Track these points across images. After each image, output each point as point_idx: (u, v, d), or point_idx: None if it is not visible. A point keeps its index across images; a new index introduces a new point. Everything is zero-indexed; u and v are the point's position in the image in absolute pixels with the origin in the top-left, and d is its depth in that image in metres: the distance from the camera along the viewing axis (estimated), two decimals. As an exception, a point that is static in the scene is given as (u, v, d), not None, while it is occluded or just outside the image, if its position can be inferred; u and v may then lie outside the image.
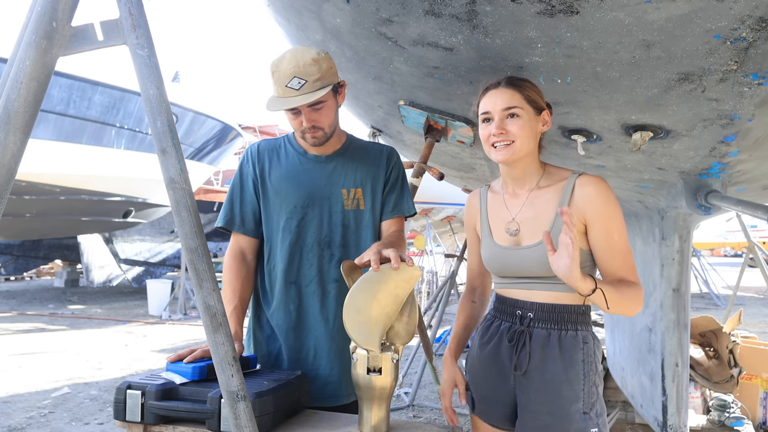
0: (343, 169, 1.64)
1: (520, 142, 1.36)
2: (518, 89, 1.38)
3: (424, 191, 3.25)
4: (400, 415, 4.27)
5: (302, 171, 1.62)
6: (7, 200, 1.04)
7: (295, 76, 1.47)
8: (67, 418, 4.12)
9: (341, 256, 1.60)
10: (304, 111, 1.52)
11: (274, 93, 1.51)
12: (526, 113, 1.37)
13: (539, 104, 1.40)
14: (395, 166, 1.71)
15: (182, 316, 9.42)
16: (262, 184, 1.63)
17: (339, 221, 1.60)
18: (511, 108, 1.36)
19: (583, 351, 1.36)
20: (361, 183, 1.64)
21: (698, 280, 12.85)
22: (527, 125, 1.37)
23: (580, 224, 1.36)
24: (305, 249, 1.60)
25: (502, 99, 1.37)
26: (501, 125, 1.36)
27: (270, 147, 1.67)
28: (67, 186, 8.87)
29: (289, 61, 1.48)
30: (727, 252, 32.08)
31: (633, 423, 3.51)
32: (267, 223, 1.63)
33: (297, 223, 1.59)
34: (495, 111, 1.37)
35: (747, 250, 6.37)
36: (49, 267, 16.88)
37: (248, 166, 1.65)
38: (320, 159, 1.64)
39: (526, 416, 1.36)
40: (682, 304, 2.36)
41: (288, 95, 1.48)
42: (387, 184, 1.68)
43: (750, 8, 1.08)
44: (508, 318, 1.44)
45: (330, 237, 1.60)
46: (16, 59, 1.04)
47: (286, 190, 1.60)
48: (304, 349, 1.59)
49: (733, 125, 1.54)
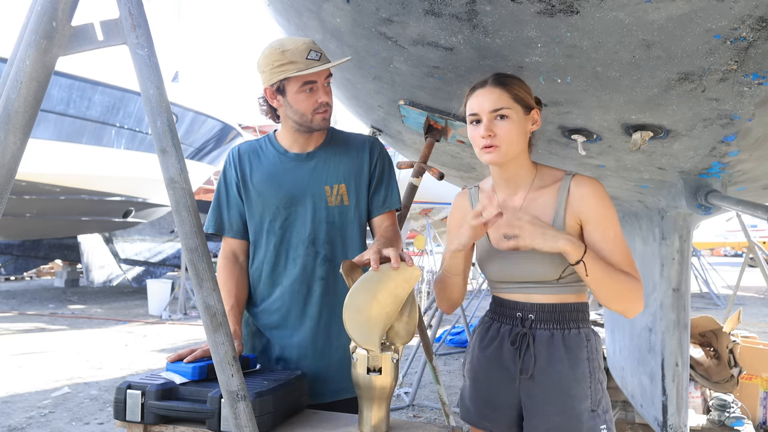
0: (325, 166, 1.62)
1: (508, 144, 1.33)
2: (506, 88, 1.34)
3: (424, 191, 3.25)
4: (400, 415, 4.27)
5: (283, 171, 1.61)
6: (7, 200, 1.04)
7: (311, 49, 1.49)
8: (67, 418, 4.13)
9: (327, 253, 1.59)
10: (321, 86, 1.53)
11: (289, 72, 1.48)
12: (515, 113, 1.34)
13: (528, 103, 1.37)
14: (380, 157, 1.67)
15: (182, 316, 9.43)
16: (244, 186, 1.63)
17: (323, 219, 1.59)
18: (499, 109, 1.33)
19: (587, 348, 1.36)
20: (344, 178, 1.62)
21: (698, 280, 12.84)
22: (516, 126, 1.34)
23: (576, 224, 1.36)
24: (290, 249, 1.59)
25: (489, 100, 1.34)
26: (489, 127, 1.33)
27: (250, 149, 1.66)
28: (67, 186, 8.87)
29: (294, 41, 1.51)
30: (727, 252, 32.08)
31: (633, 423, 3.51)
32: (251, 226, 1.63)
33: (281, 224, 1.59)
34: (483, 112, 1.34)
35: (747, 250, 6.37)
36: (49, 267, 16.88)
37: (231, 170, 1.65)
38: (301, 157, 1.63)
39: (536, 419, 1.35)
40: (682, 304, 2.36)
41: (312, 67, 1.48)
42: (374, 178, 1.65)
43: (750, 8, 1.08)
44: (508, 320, 1.43)
45: (315, 235, 1.59)
46: (16, 59, 1.04)
47: (268, 191, 1.60)
48: (289, 348, 1.59)
49: (733, 125, 1.54)
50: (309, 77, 1.50)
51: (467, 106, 1.39)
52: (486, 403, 1.45)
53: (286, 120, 1.60)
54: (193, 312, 9.63)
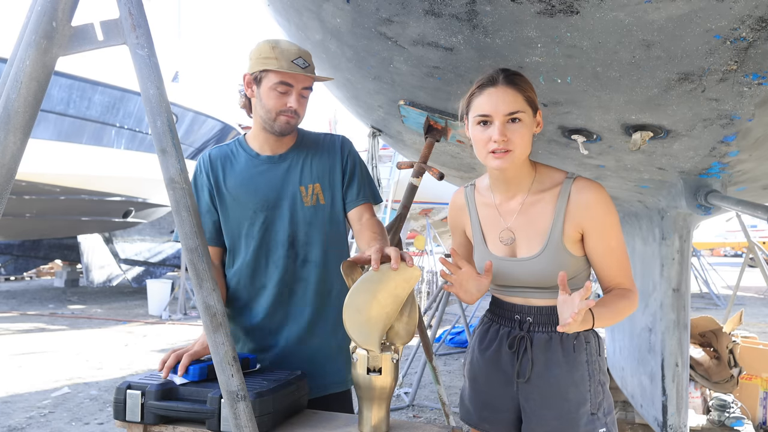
0: (297, 166, 1.63)
1: (521, 149, 1.28)
2: (520, 89, 1.27)
3: (424, 191, 3.25)
4: (400, 415, 4.27)
5: (257, 174, 1.61)
6: (7, 200, 1.04)
7: (300, 56, 1.52)
8: (67, 418, 4.12)
9: (307, 254, 1.60)
10: (296, 92, 1.54)
11: (270, 65, 1.50)
12: (527, 116, 1.28)
13: (536, 105, 1.31)
14: (350, 154, 1.69)
15: (182, 316, 9.42)
16: (218, 193, 1.62)
17: (300, 219, 1.60)
18: (515, 113, 1.25)
19: (586, 351, 1.35)
20: (318, 178, 1.63)
21: (698, 280, 12.84)
22: (528, 130, 1.28)
23: (576, 232, 1.32)
24: (270, 252, 1.59)
25: (504, 102, 1.25)
26: (504, 131, 1.25)
27: (222, 154, 1.66)
28: (67, 186, 8.86)
29: (289, 43, 1.54)
30: (727, 252, 32.06)
31: (633, 423, 3.51)
32: (228, 231, 1.62)
33: (259, 228, 1.59)
34: (497, 114, 1.25)
35: (747, 250, 6.37)
36: (49, 267, 16.87)
37: (202, 176, 1.64)
38: (273, 159, 1.63)
39: (534, 422, 1.35)
40: (682, 304, 2.36)
41: (294, 70, 1.50)
42: (346, 174, 1.66)
43: (750, 8, 1.08)
44: (507, 322, 1.42)
45: (294, 236, 1.59)
46: (16, 59, 1.04)
47: (244, 195, 1.60)
48: (275, 349, 1.60)
49: (733, 125, 1.53)
50: (286, 78, 1.51)
51: (474, 104, 1.30)
52: (485, 406, 1.44)
53: (256, 116, 1.61)
54: (193, 312, 9.63)
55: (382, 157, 11.57)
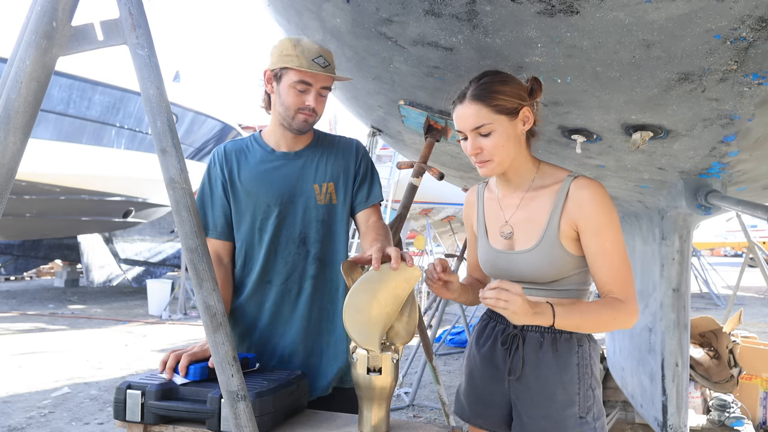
0: (313, 164, 1.63)
1: (500, 157, 1.31)
2: (484, 102, 1.28)
3: (424, 191, 3.25)
4: (400, 415, 4.28)
5: (272, 169, 1.62)
6: (7, 200, 1.04)
7: (321, 55, 1.52)
8: (67, 418, 4.13)
9: (317, 252, 1.60)
10: (315, 91, 1.54)
11: (291, 63, 1.50)
12: (498, 125, 1.28)
13: (512, 107, 1.29)
14: (364, 157, 1.71)
15: (182, 315, 9.42)
16: (231, 186, 1.62)
17: (313, 217, 1.60)
18: (479, 127, 1.29)
19: (577, 354, 1.35)
20: (332, 177, 1.64)
21: (698, 280, 12.85)
22: (502, 137, 1.29)
23: (571, 229, 1.32)
24: (281, 247, 1.59)
25: (468, 118, 1.29)
26: (475, 144, 1.31)
27: (237, 148, 1.66)
28: (67, 186, 8.86)
29: (311, 43, 1.54)
30: (727, 252, 32.07)
31: (633, 423, 3.51)
32: (240, 225, 1.62)
33: (272, 222, 1.59)
34: (465, 130, 1.31)
35: (747, 250, 6.37)
36: (49, 267, 16.87)
37: (216, 169, 1.64)
38: (289, 155, 1.63)
39: (523, 420, 1.36)
40: (682, 304, 2.36)
41: (314, 69, 1.51)
42: (357, 176, 1.68)
43: (750, 8, 1.08)
44: (502, 320, 1.43)
45: (305, 233, 1.60)
46: (16, 59, 1.04)
47: (258, 190, 1.60)
48: (281, 347, 1.59)
49: (733, 125, 1.54)
50: (305, 77, 1.52)
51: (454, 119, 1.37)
52: (479, 401, 1.46)
53: (274, 112, 1.61)
54: (193, 312, 9.63)
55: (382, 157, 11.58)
